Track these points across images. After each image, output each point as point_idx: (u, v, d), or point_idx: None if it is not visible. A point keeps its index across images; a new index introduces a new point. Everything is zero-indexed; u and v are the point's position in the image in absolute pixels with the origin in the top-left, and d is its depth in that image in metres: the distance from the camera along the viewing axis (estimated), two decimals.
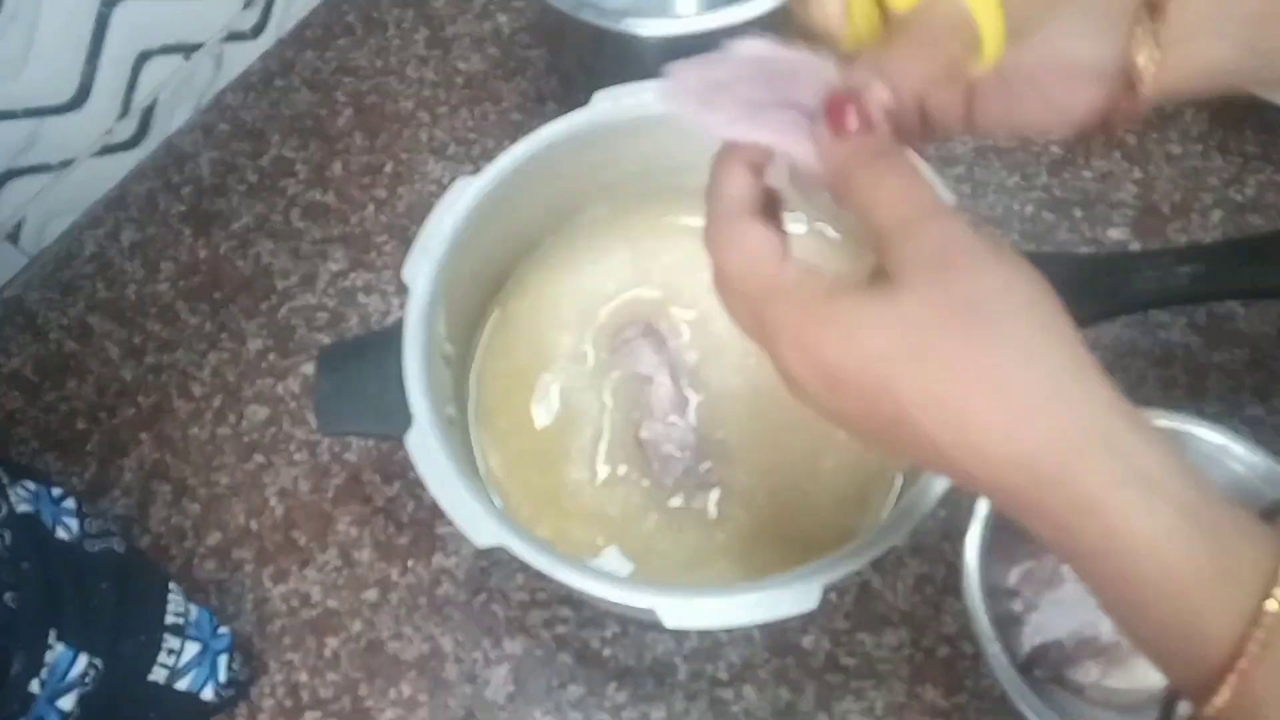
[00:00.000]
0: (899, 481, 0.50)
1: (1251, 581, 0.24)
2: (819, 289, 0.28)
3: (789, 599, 0.40)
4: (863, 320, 0.27)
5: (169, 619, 0.50)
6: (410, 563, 0.55)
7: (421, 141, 0.68)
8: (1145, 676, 0.49)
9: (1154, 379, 0.57)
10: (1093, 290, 0.46)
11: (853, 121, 0.29)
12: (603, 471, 0.51)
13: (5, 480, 0.46)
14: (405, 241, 0.64)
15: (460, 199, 0.48)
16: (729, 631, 0.53)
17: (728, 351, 0.52)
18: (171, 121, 0.69)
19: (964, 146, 0.65)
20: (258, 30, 0.71)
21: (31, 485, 0.49)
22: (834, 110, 0.30)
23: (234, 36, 0.70)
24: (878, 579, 0.53)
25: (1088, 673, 0.48)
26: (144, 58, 0.65)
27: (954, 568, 0.53)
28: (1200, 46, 0.31)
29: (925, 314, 0.26)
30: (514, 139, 0.50)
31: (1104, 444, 0.25)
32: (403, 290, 0.52)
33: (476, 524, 0.42)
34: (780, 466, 0.50)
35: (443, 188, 0.61)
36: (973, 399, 0.26)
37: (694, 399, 0.51)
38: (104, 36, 0.62)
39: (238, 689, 0.52)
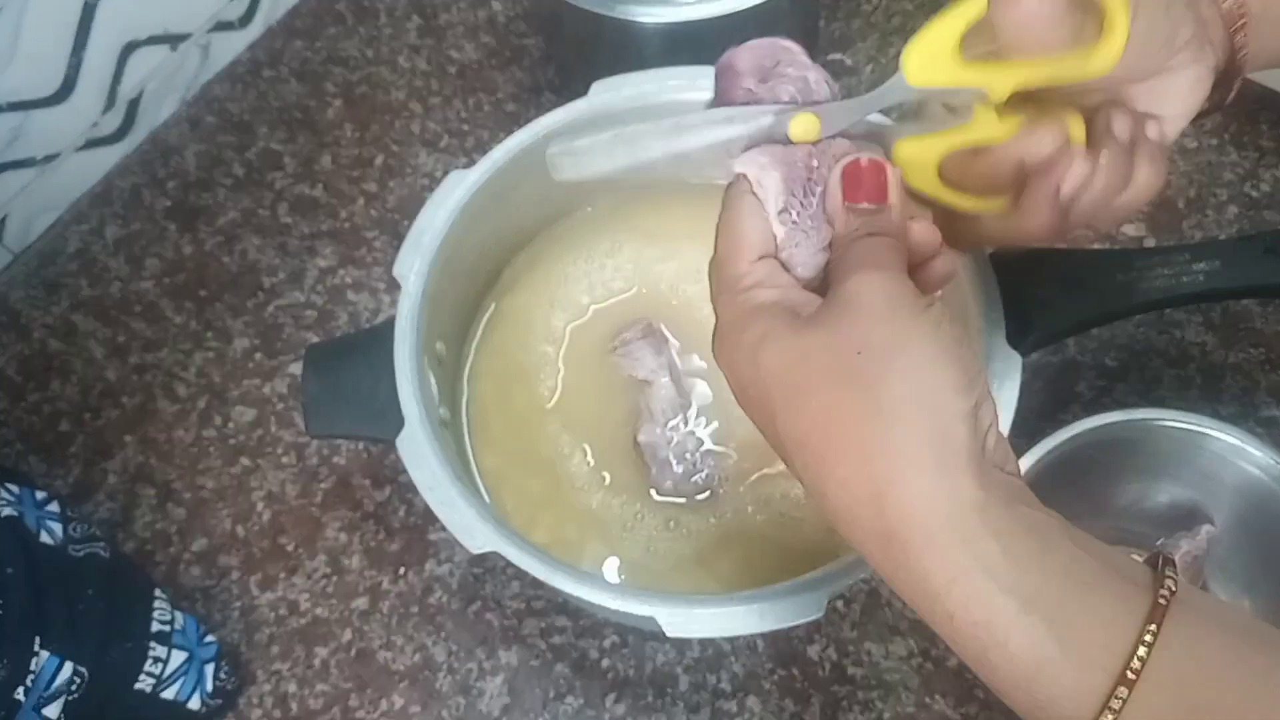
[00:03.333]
0: None
1: (1103, 666, 0.24)
2: (762, 300, 0.30)
3: (794, 608, 0.39)
4: (773, 339, 0.28)
5: (155, 626, 0.49)
6: (401, 570, 0.54)
7: (413, 133, 0.67)
8: None
9: (1169, 379, 0.56)
10: (1106, 288, 0.46)
11: (868, 194, 0.31)
12: (600, 475, 0.50)
13: None
14: (396, 237, 0.63)
15: (453, 193, 0.47)
16: (732, 641, 0.51)
17: None
18: (157, 114, 0.68)
19: None
20: (246, 20, 0.70)
21: (14, 488, 0.48)
22: (851, 177, 0.31)
23: (221, 26, 0.69)
24: (885, 587, 0.52)
25: None
26: (130, 49, 0.64)
27: None
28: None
29: (816, 349, 0.28)
30: (509, 130, 0.49)
31: (950, 530, 0.25)
32: (393, 287, 0.51)
33: (470, 529, 0.41)
34: (779, 472, 0.49)
35: (435, 181, 0.60)
36: (832, 451, 0.27)
37: (694, 403, 0.50)
38: (90, 27, 0.61)
39: (225, 699, 0.51)
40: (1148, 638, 0.24)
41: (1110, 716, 0.24)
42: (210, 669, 0.50)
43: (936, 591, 0.25)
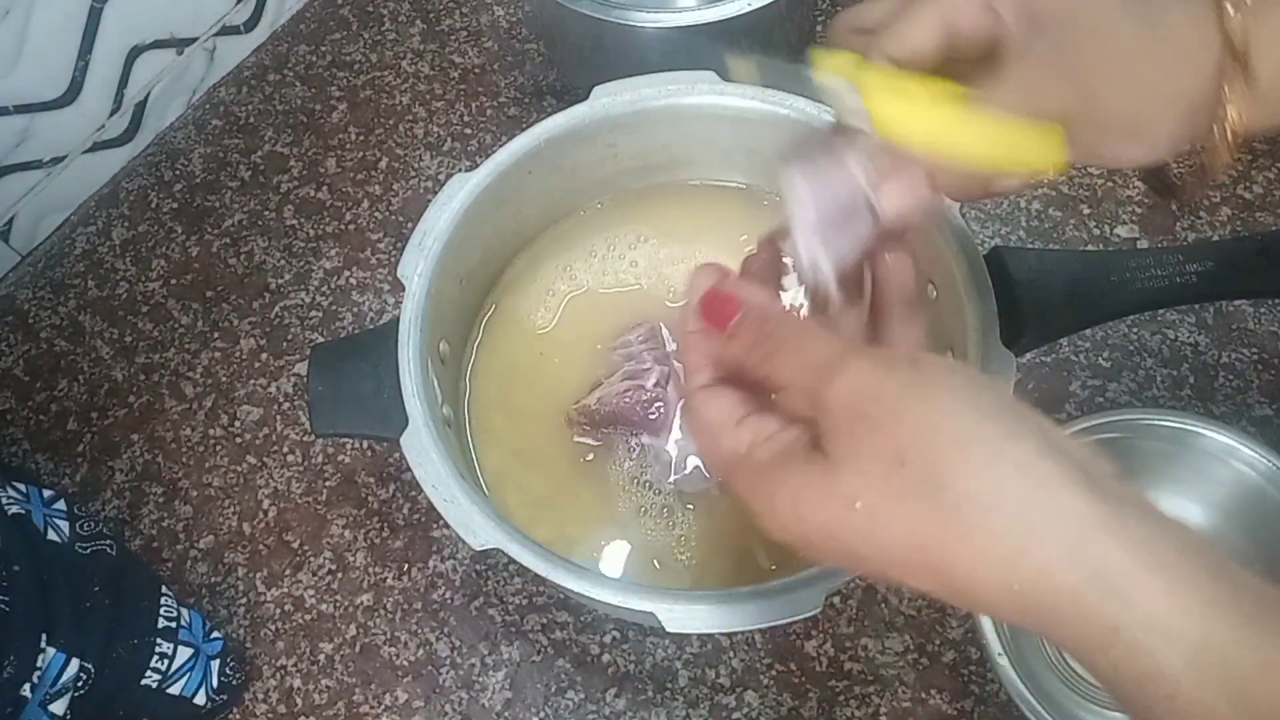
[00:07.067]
0: None
1: (1272, 710, 0.22)
2: (766, 459, 0.28)
3: (792, 603, 0.39)
4: (808, 496, 0.27)
5: (161, 623, 0.49)
6: (405, 566, 0.55)
7: (417, 137, 0.67)
8: None
9: (1162, 379, 0.56)
10: (1100, 289, 0.46)
11: (728, 315, 0.30)
12: (600, 473, 0.50)
13: None
14: (400, 238, 0.63)
15: (456, 195, 0.48)
16: (731, 636, 0.52)
17: None
18: (164, 117, 0.69)
19: None
20: (251, 24, 0.70)
21: (22, 487, 0.48)
22: (710, 310, 0.31)
23: (227, 30, 0.69)
24: (882, 583, 0.52)
25: None
26: (136, 53, 0.65)
27: None
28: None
29: (861, 482, 0.26)
30: (511, 134, 0.49)
31: (1093, 585, 0.23)
32: (397, 288, 0.51)
33: (472, 526, 0.41)
34: None
35: (438, 184, 0.61)
36: (946, 555, 0.25)
37: None
38: (96, 32, 0.62)
39: (231, 694, 0.51)
40: None
41: None
42: (216, 664, 0.50)
43: (1097, 647, 0.23)
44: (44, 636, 0.44)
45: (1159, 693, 0.23)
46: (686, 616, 0.39)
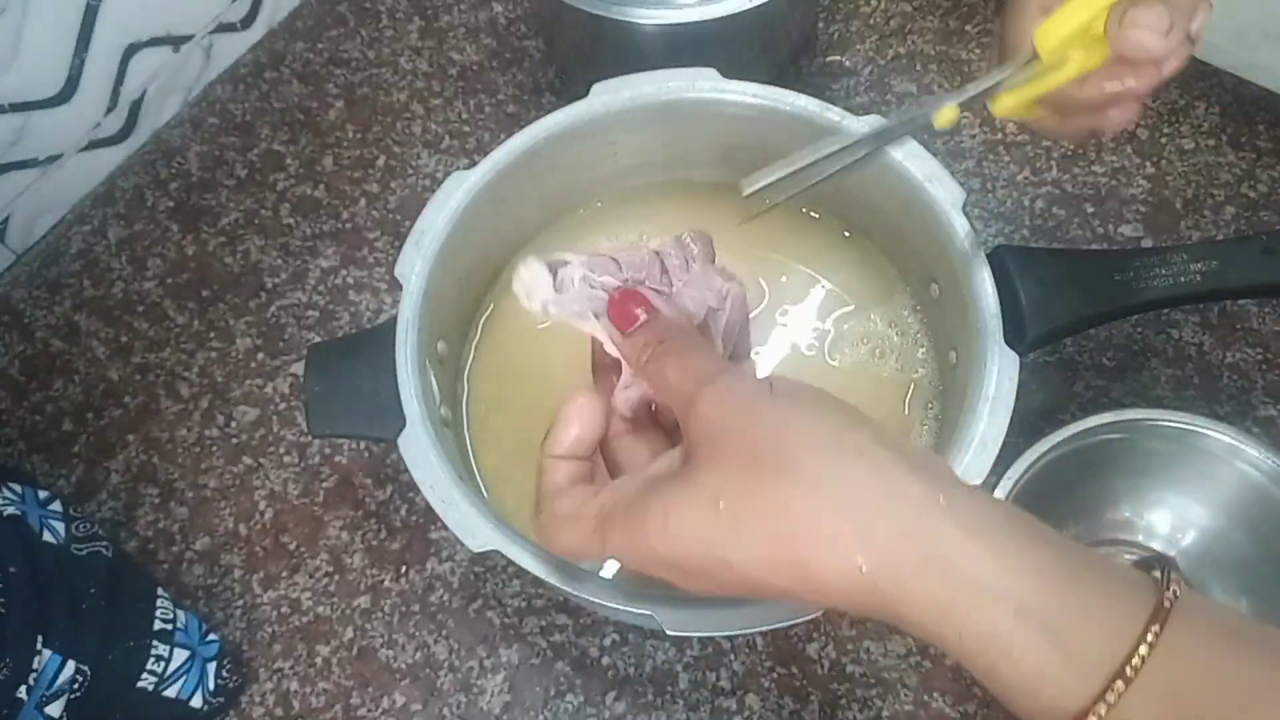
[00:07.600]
0: None
1: (1102, 668, 0.24)
2: (631, 493, 0.30)
3: (794, 606, 0.39)
4: (675, 505, 0.28)
5: (157, 625, 0.49)
6: (403, 568, 0.54)
7: (415, 134, 0.67)
8: None
9: (1166, 379, 0.56)
10: (1104, 288, 0.45)
11: (636, 315, 0.34)
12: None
13: None
14: (398, 237, 0.63)
15: (454, 194, 0.47)
16: (731, 639, 0.52)
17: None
18: (160, 115, 0.68)
19: (973, 140, 0.64)
20: (248, 21, 0.70)
21: (17, 488, 0.48)
22: (616, 310, 0.34)
23: (224, 28, 0.69)
24: None
25: None
26: (132, 50, 0.64)
27: None
28: None
29: (722, 479, 0.28)
30: (510, 132, 0.49)
31: (931, 558, 0.26)
32: (395, 287, 0.51)
33: (471, 528, 0.41)
34: None
35: (436, 182, 0.60)
36: (800, 546, 0.26)
37: None
38: (93, 29, 0.61)
39: (227, 697, 0.51)
40: (1150, 638, 0.24)
41: (1104, 708, 0.24)
42: (212, 667, 0.50)
43: (941, 617, 0.25)
44: (40, 638, 0.43)
45: (998, 651, 0.25)
46: (687, 619, 0.39)
